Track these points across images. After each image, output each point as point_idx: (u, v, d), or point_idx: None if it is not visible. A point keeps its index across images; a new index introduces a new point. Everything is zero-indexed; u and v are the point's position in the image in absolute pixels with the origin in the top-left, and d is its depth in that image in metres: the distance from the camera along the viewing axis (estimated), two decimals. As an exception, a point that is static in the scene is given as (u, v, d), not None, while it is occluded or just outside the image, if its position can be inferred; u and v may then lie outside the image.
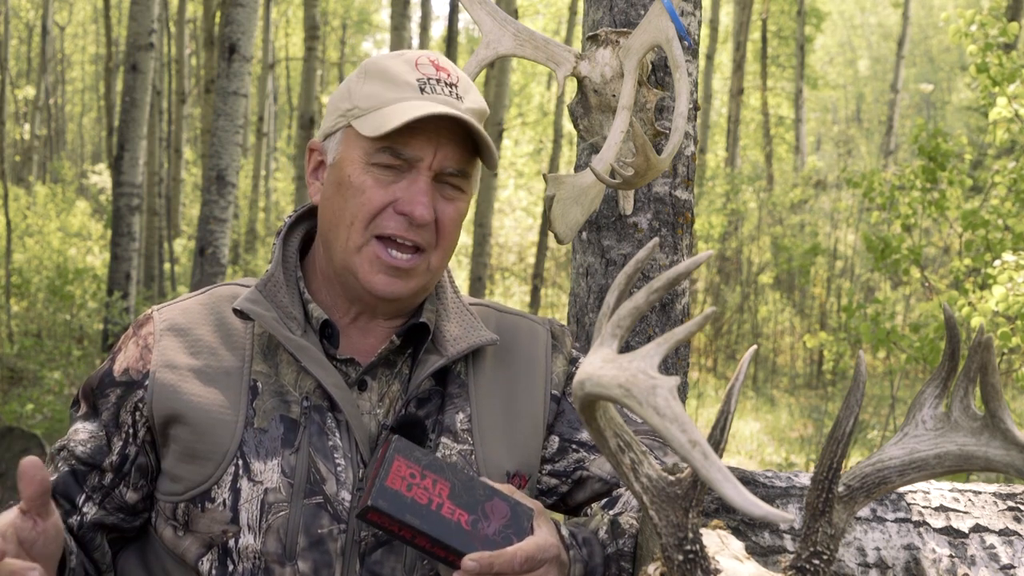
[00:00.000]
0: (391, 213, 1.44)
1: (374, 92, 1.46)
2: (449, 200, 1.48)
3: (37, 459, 1.21)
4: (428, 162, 1.44)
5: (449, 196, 1.48)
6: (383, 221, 1.44)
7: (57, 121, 30.35)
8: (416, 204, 1.43)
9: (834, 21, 37.69)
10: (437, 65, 1.49)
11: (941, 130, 5.91)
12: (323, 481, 1.41)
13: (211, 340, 1.48)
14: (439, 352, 1.51)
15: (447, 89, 1.47)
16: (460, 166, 1.47)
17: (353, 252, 1.46)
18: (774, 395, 12.37)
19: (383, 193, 1.44)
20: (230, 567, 1.40)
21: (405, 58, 1.49)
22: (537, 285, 15.46)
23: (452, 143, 1.45)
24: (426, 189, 1.44)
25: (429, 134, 1.43)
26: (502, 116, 11.84)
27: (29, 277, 13.82)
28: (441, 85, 1.47)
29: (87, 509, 1.45)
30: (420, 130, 1.43)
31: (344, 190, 1.46)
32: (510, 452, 1.52)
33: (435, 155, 1.44)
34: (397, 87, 1.45)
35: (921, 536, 1.66)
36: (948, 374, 1.22)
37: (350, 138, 1.47)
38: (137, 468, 1.46)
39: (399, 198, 1.44)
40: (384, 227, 1.44)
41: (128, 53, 10.15)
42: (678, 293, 2.20)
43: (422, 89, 1.45)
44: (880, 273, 6.73)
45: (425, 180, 1.44)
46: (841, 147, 33.83)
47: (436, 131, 1.43)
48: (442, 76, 1.48)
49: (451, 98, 1.46)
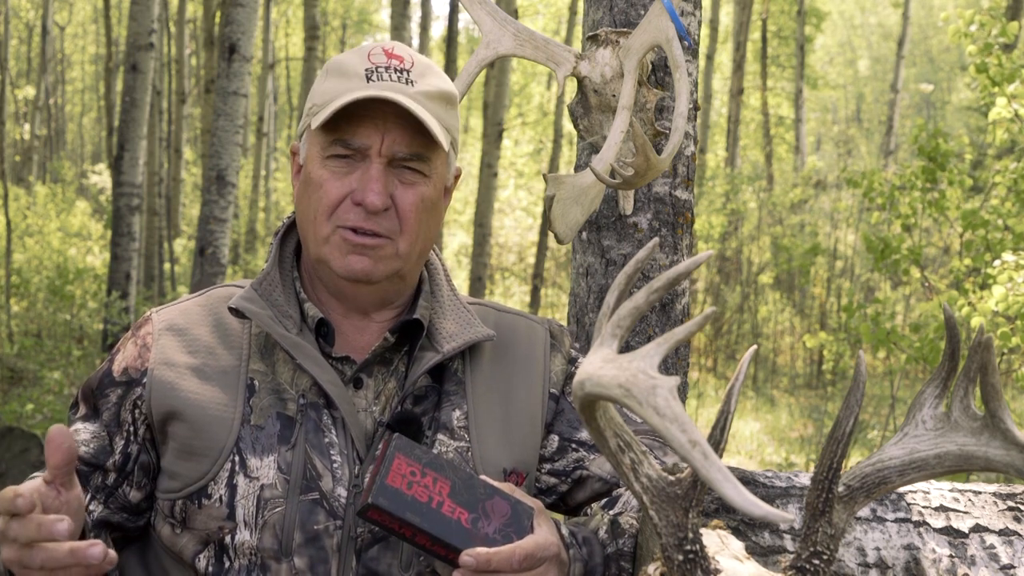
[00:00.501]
0: (348, 204, 1.45)
1: (328, 88, 1.47)
2: (408, 185, 1.47)
3: (64, 427, 1.22)
4: (377, 148, 1.44)
5: (408, 181, 1.47)
6: (342, 213, 1.46)
7: (57, 121, 30.36)
8: (368, 192, 1.43)
9: (834, 21, 37.69)
10: (389, 53, 1.49)
11: (941, 130, 5.91)
12: (319, 478, 1.41)
13: (209, 340, 1.49)
14: (435, 349, 1.51)
15: (396, 75, 1.46)
16: (412, 150, 1.46)
17: (322, 243, 1.47)
18: (774, 395, 12.37)
19: (339, 185, 1.45)
20: (226, 564, 1.40)
21: (361, 51, 1.50)
22: (537, 285, 15.46)
23: (400, 128, 1.44)
24: (377, 176, 1.44)
25: (376, 121, 1.44)
26: (502, 116, 11.85)
27: (29, 277, 13.82)
28: (390, 72, 1.46)
29: (92, 508, 1.46)
30: (366, 117, 1.43)
31: (308, 187, 1.48)
32: (507, 450, 1.52)
33: (383, 141, 1.44)
34: (347, 79, 1.46)
35: (921, 536, 1.66)
36: (948, 374, 1.22)
37: (311, 136, 1.49)
38: (140, 466, 1.46)
39: (354, 188, 1.45)
40: (344, 219, 1.45)
41: (128, 53, 10.15)
42: (678, 293, 2.20)
43: (368, 78, 1.45)
44: (880, 273, 6.73)
45: (377, 168, 1.44)
46: (841, 147, 33.84)
47: (382, 117, 1.44)
48: (392, 63, 1.48)
49: (398, 83, 1.45)
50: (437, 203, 1.52)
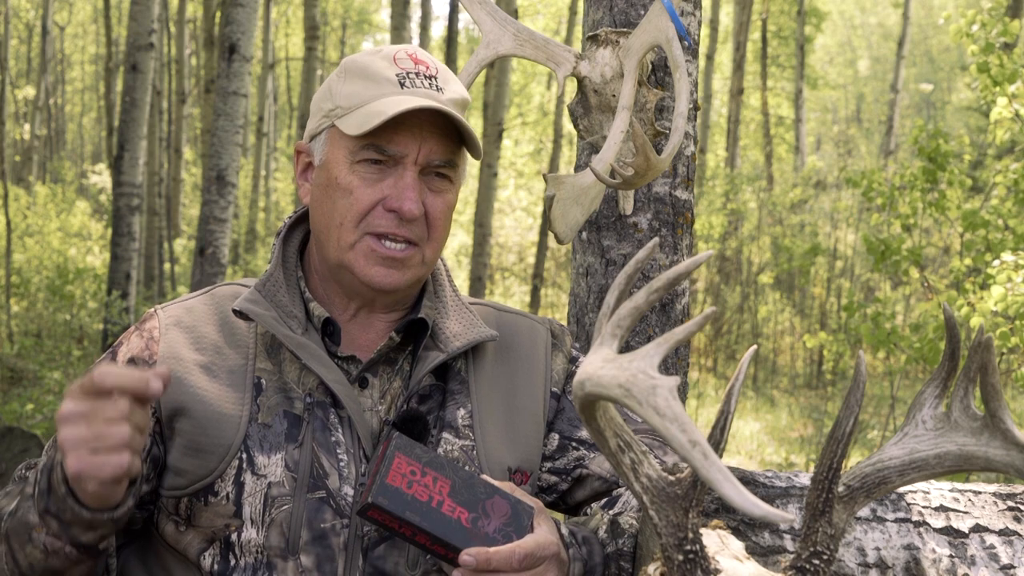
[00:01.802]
0: (381, 211, 1.45)
1: (355, 91, 1.46)
2: (437, 192, 1.48)
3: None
4: (413, 157, 1.45)
5: (437, 188, 1.48)
6: (373, 219, 1.45)
7: (57, 121, 30.35)
8: (404, 200, 1.43)
9: (834, 21, 37.68)
10: (415, 59, 1.50)
11: (941, 131, 5.91)
12: (326, 476, 1.41)
13: (215, 338, 1.49)
14: (439, 348, 1.52)
15: (427, 82, 1.47)
16: (446, 157, 1.47)
17: (347, 249, 1.47)
18: (774, 395, 12.36)
19: (371, 191, 1.45)
20: (232, 561, 1.40)
21: (383, 54, 1.50)
22: (537, 285, 15.46)
23: (436, 136, 1.45)
24: (413, 184, 1.44)
25: (412, 129, 1.44)
26: (502, 116, 11.84)
27: (29, 277, 13.82)
28: (420, 78, 1.47)
29: None
30: (403, 125, 1.43)
31: (332, 191, 1.47)
32: (511, 448, 1.52)
33: (420, 149, 1.45)
34: (377, 84, 1.46)
35: (921, 536, 1.66)
36: (948, 374, 1.22)
37: (334, 138, 1.48)
38: (151, 459, 1.44)
39: (387, 195, 1.45)
40: (376, 225, 1.45)
41: (128, 53, 10.14)
42: (678, 293, 2.20)
43: (402, 84, 1.45)
44: (880, 273, 6.73)
45: (412, 175, 1.45)
46: (841, 147, 33.83)
47: (419, 125, 1.44)
48: (421, 69, 1.48)
49: (431, 90, 1.46)
50: (455, 207, 1.54)
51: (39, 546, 1.29)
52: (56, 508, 1.26)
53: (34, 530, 1.29)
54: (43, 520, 1.28)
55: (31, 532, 1.29)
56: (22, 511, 1.32)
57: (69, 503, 1.24)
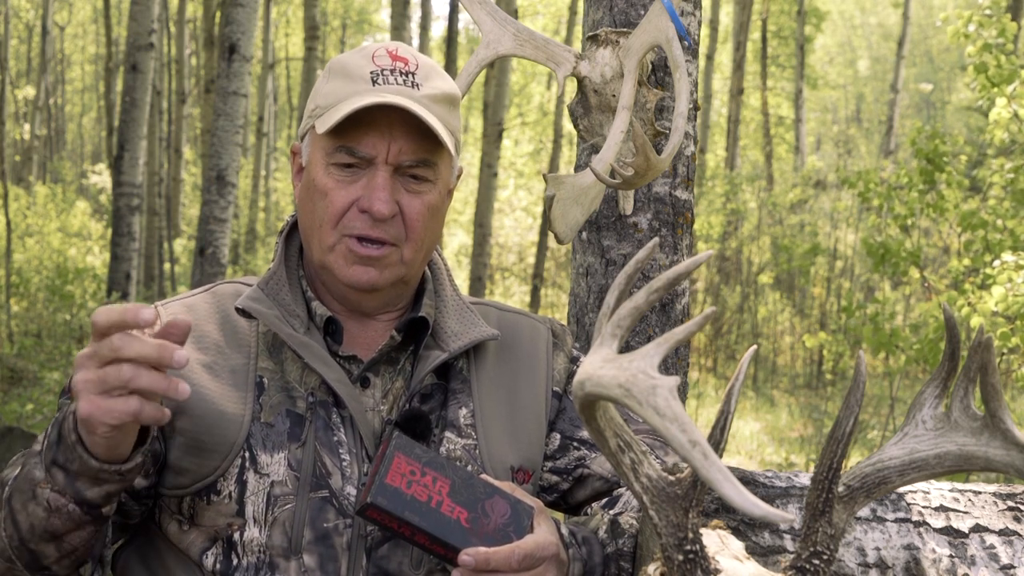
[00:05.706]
0: (355, 212, 1.45)
1: (332, 90, 1.46)
2: (415, 193, 1.46)
3: None
4: (384, 157, 1.43)
5: (414, 189, 1.46)
6: (349, 221, 1.45)
7: (57, 121, 30.33)
8: (374, 200, 1.42)
9: (834, 21, 37.67)
10: (394, 55, 1.47)
11: (939, 131, 5.91)
12: (328, 475, 1.41)
13: (217, 337, 1.49)
14: (440, 347, 1.51)
15: (402, 78, 1.45)
16: (419, 156, 1.45)
17: (327, 251, 1.47)
18: (774, 395, 12.36)
19: (344, 194, 1.44)
20: (235, 561, 1.40)
21: (365, 52, 1.48)
22: (537, 285, 15.46)
23: (406, 134, 1.43)
24: (384, 184, 1.43)
25: (381, 128, 1.42)
26: (502, 116, 11.85)
27: (29, 277, 13.81)
28: (395, 75, 1.45)
29: None
30: (372, 124, 1.42)
31: (312, 193, 1.47)
32: (514, 447, 1.52)
33: (389, 149, 1.43)
34: (352, 82, 1.45)
35: (921, 536, 1.66)
36: (948, 374, 1.22)
37: (314, 139, 1.48)
38: (152, 454, 1.42)
39: (360, 196, 1.44)
40: (351, 227, 1.45)
41: (128, 53, 10.14)
42: (678, 293, 2.20)
43: (374, 81, 1.44)
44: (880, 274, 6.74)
45: (383, 176, 1.43)
46: (841, 147, 33.83)
47: (388, 123, 1.42)
48: (398, 66, 1.46)
49: (405, 87, 1.44)
50: (441, 207, 1.52)
51: (42, 503, 1.26)
52: (64, 458, 1.24)
53: (38, 486, 1.26)
54: (49, 474, 1.26)
55: (35, 488, 1.27)
56: (27, 468, 1.30)
57: (78, 451, 1.22)
